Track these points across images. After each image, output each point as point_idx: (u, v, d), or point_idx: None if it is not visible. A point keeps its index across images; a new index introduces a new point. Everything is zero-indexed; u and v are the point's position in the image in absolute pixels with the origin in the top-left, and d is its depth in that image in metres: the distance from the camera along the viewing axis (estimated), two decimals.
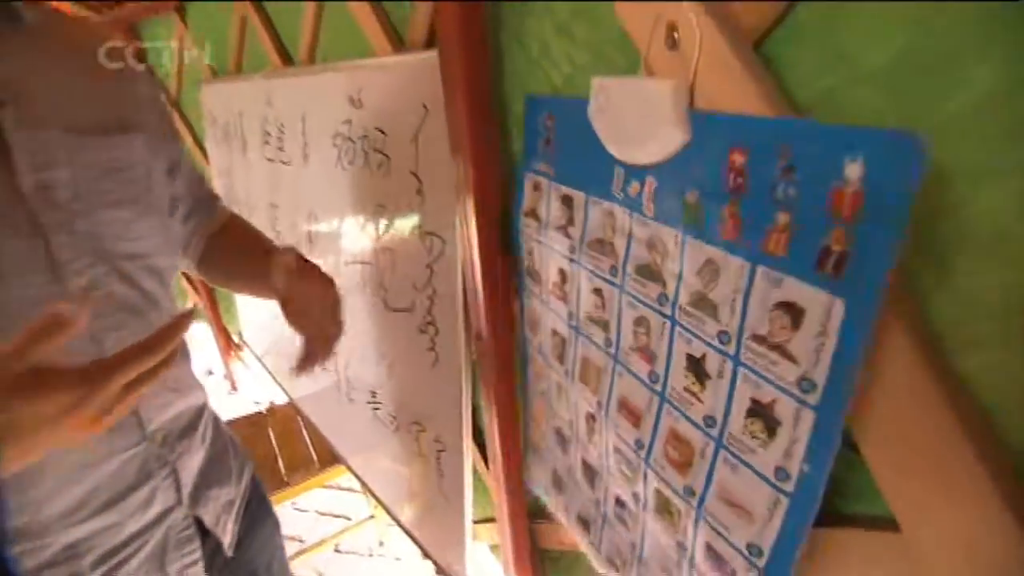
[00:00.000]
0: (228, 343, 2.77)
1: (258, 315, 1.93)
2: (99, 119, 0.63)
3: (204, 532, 0.71)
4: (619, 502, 0.64)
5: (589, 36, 0.57)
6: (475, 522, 1.10)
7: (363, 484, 1.51)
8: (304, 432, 1.91)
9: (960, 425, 0.34)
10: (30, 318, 0.43)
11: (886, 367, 0.36)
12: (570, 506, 0.77)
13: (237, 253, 0.86)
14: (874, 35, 0.35)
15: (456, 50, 0.67)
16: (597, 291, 0.58)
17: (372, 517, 1.96)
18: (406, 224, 0.96)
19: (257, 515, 0.82)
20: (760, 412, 0.42)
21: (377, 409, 1.26)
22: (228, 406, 2.76)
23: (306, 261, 0.75)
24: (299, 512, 2.20)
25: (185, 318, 0.47)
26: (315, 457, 1.80)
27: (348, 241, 1.18)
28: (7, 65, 0.56)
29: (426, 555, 1.26)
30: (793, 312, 0.38)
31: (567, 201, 0.59)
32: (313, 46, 1.23)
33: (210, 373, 3.12)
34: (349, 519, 2.12)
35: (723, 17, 0.41)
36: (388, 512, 1.39)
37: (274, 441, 1.88)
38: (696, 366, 0.47)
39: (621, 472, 0.61)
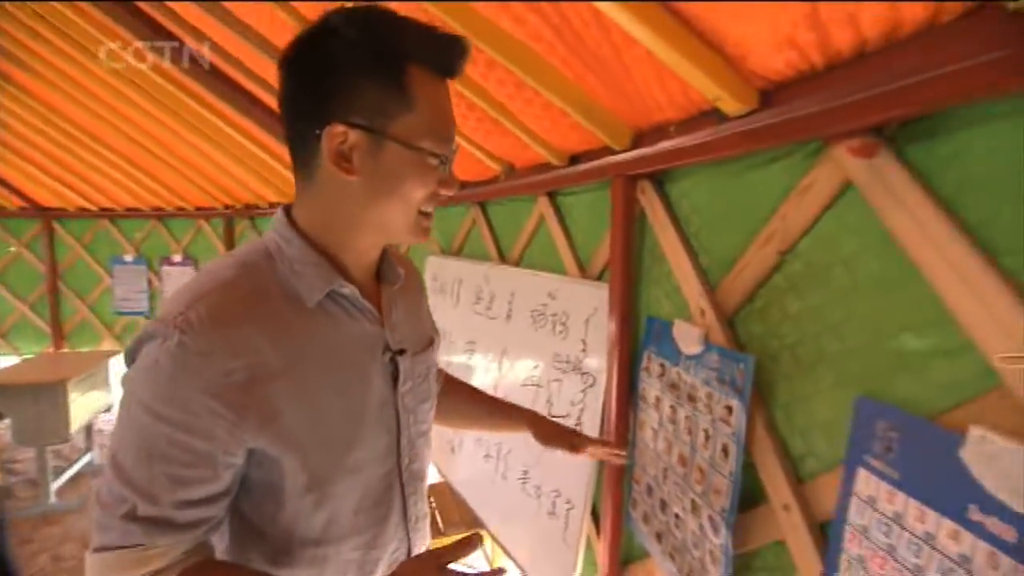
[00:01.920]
0: None
1: None
2: (423, 336, 0.88)
3: None
4: (676, 516, 1.24)
5: (678, 295, 1.30)
6: None
7: (495, 542, 2.11)
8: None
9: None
10: (375, 492, 0.76)
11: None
12: (650, 527, 1.35)
13: (469, 402, 1.17)
14: None
15: (616, 286, 1.45)
16: (672, 408, 1.26)
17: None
18: (572, 367, 1.71)
19: None
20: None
21: (525, 483, 1.92)
22: None
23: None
24: None
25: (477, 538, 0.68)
26: (440, 522, 2.34)
27: (529, 371, 1.95)
28: (395, 314, 0.80)
29: None
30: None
31: (662, 366, 1.29)
32: (522, 253, 2.13)
33: None
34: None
35: None
36: (514, 562, 1.96)
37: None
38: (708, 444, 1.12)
39: (677, 496, 1.23)
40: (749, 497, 1.02)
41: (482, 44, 1.19)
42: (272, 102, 2.72)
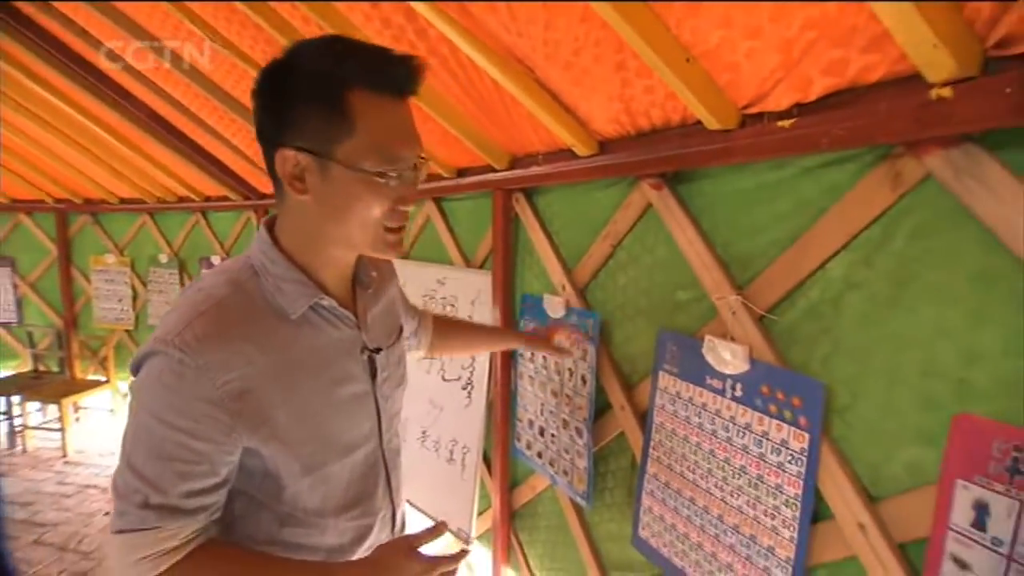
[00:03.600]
0: None
1: None
2: (394, 327, 0.98)
3: None
4: (552, 436, 1.72)
5: (542, 270, 1.78)
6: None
7: None
8: None
9: None
10: (363, 468, 0.87)
11: None
12: (532, 450, 1.82)
13: (462, 334, 1.40)
14: None
15: (499, 272, 1.88)
16: (543, 358, 1.73)
17: None
18: None
19: None
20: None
21: (424, 442, 2.29)
22: None
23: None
24: None
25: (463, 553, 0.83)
26: None
27: None
28: (371, 314, 0.90)
29: None
30: None
31: (535, 329, 1.76)
32: (410, 249, 2.48)
33: None
34: None
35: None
36: (414, 506, 2.32)
37: None
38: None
39: (551, 420, 1.71)
40: (599, 407, 1.53)
41: None
42: (130, 84, 2.59)
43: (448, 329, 1.37)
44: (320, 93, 0.69)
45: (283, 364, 0.75)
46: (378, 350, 0.89)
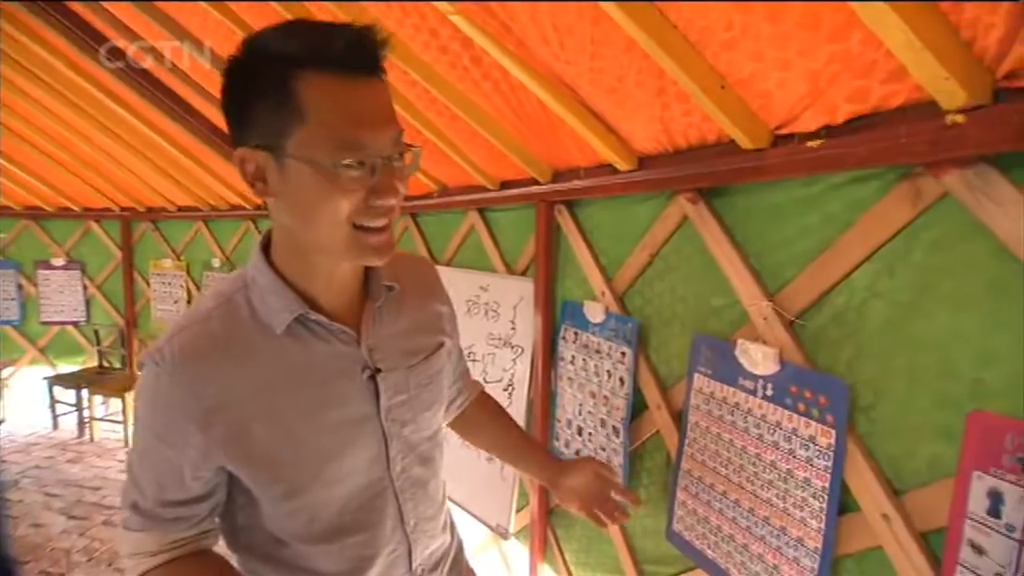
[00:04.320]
0: None
1: None
2: (424, 346, 0.87)
3: None
4: (588, 434, 1.82)
5: (583, 282, 1.88)
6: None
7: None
8: None
9: None
10: (361, 500, 0.78)
11: None
12: (570, 449, 1.92)
13: (494, 427, 1.16)
14: None
15: (541, 279, 1.99)
16: (584, 360, 1.83)
17: None
18: (503, 343, 2.23)
19: None
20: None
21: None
22: None
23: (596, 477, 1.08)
24: None
25: None
26: None
27: (466, 349, 2.43)
28: (376, 331, 0.80)
29: (483, 523, 2.30)
30: None
31: (577, 336, 1.86)
32: (453, 256, 2.61)
33: None
34: None
35: None
36: (455, 503, 2.44)
37: None
38: None
39: (588, 420, 1.80)
40: (636, 409, 1.62)
41: (443, 98, 1.67)
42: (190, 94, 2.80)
43: (480, 425, 1.20)
44: (265, 81, 0.63)
45: (264, 381, 0.72)
46: (378, 370, 0.79)
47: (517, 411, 2.15)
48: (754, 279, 1.22)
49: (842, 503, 1.08)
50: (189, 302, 4.54)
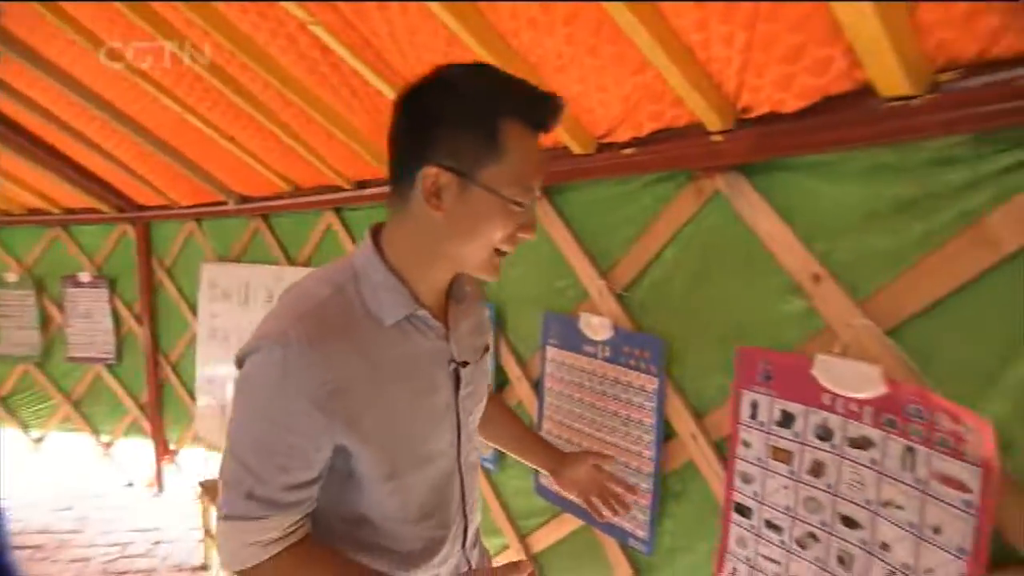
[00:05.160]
0: (164, 450, 3.54)
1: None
2: (480, 345, 0.98)
3: None
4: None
5: None
6: None
7: None
8: None
9: None
10: (441, 480, 0.87)
11: None
12: None
13: (502, 421, 1.20)
14: None
15: None
16: None
17: None
18: None
19: None
20: None
21: None
22: (155, 505, 3.46)
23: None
24: None
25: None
26: None
27: None
28: (460, 329, 0.89)
29: None
30: None
31: None
32: (311, 256, 2.60)
33: (130, 485, 3.71)
34: None
35: None
36: None
37: None
38: None
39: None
40: (499, 383, 1.82)
41: (299, 101, 1.70)
42: None
43: (491, 420, 1.17)
44: (475, 118, 0.72)
45: (375, 369, 0.77)
46: (465, 363, 0.90)
47: None
48: (590, 262, 1.48)
49: (664, 433, 1.38)
50: None
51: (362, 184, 2.20)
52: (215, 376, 3.06)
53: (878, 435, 0.99)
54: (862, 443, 1.02)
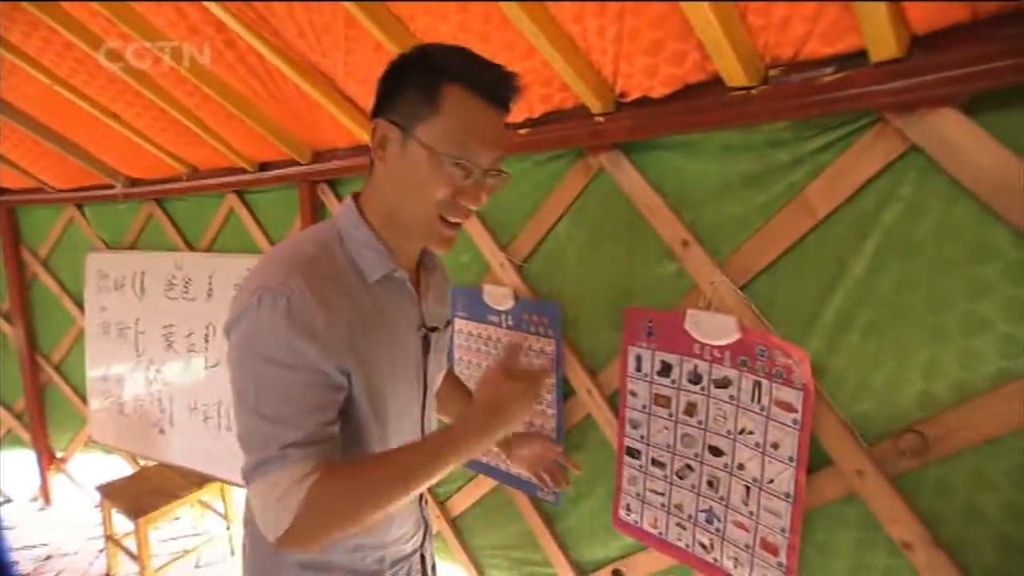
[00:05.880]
0: (50, 460, 3.26)
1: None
2: (444, 316, 1.04)
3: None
4: None
5: None
6: None
7: (231, 484, 2.49)
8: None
9: None
10: (405, 417, 0.90)
11: None
12: None
13: (456, 398, 1.28)
14: None
15: None
16: None
17: (228, 529, 2.75)
18: None
19: None
20: None
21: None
22: (43, 519, 3.19)
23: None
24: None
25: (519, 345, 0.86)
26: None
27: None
28: (429, 297, 0.96)
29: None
30: None
31: None
32: (213, 242, 2.50)
33: (8, 501, 3.38)
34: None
35: None
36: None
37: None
38: None
39: None
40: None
41: (194, 78, 1.65)
42: None
43: (447, 396, 1.27)
44: (420, 77, 0.77)
45: (362, 319, 0.81)
46: (434, 329, 0.96)
47: None
48: (491, 237, 1.58)
49: (565, 392, 1.52)
50: None
51: (265, 166, 2.15)
52: (110, 374, 2.86)
53: (735, 375, 1.18)
54: (723, 383, 1.20)
